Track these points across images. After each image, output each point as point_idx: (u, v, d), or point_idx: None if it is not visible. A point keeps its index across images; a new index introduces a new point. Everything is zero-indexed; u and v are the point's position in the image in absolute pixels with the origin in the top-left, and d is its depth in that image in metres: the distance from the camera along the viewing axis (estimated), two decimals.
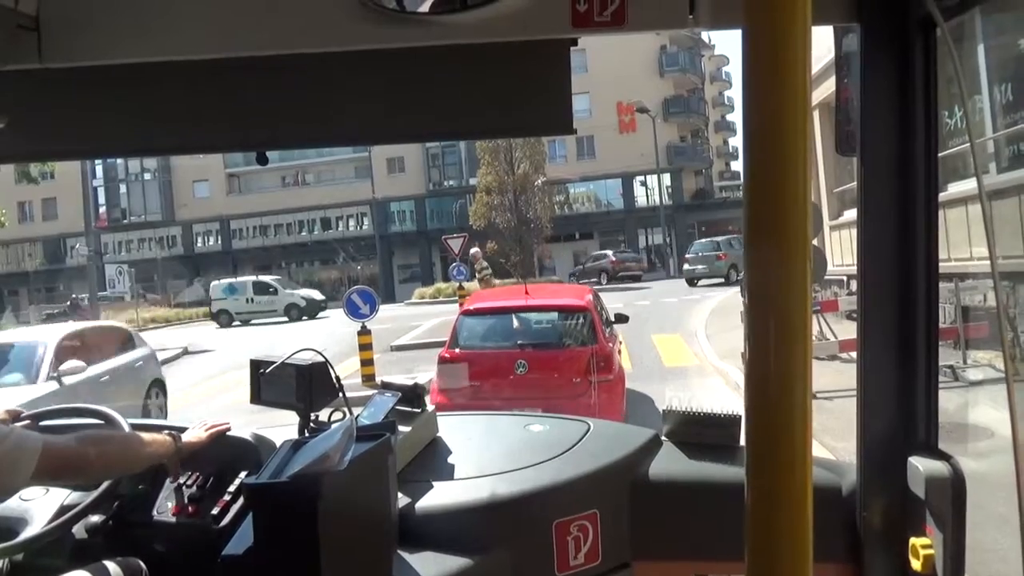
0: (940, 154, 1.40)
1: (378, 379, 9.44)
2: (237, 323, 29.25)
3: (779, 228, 0.61)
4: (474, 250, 14.87)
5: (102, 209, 46.52)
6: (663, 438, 1.91)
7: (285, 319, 28.90)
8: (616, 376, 6.84)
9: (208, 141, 1.46)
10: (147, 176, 46.89)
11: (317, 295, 31.56)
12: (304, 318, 28.29)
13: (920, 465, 1.40)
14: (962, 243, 8.14)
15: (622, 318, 8.40)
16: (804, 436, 0.62)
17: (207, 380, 13.55)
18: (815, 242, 10.83)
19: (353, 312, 10.24)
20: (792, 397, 0.62)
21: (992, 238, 1.40)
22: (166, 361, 16.80)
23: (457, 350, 7.06)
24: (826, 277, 11.53)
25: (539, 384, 6.60)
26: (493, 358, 6.90)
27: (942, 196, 1.47)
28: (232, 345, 18.74)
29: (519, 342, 7.03)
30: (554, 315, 7.45)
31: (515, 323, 7.30)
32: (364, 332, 10.30)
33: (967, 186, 8.03)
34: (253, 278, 32.38)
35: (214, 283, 32.01)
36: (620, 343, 7.91)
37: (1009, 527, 1.17)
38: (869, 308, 1.46)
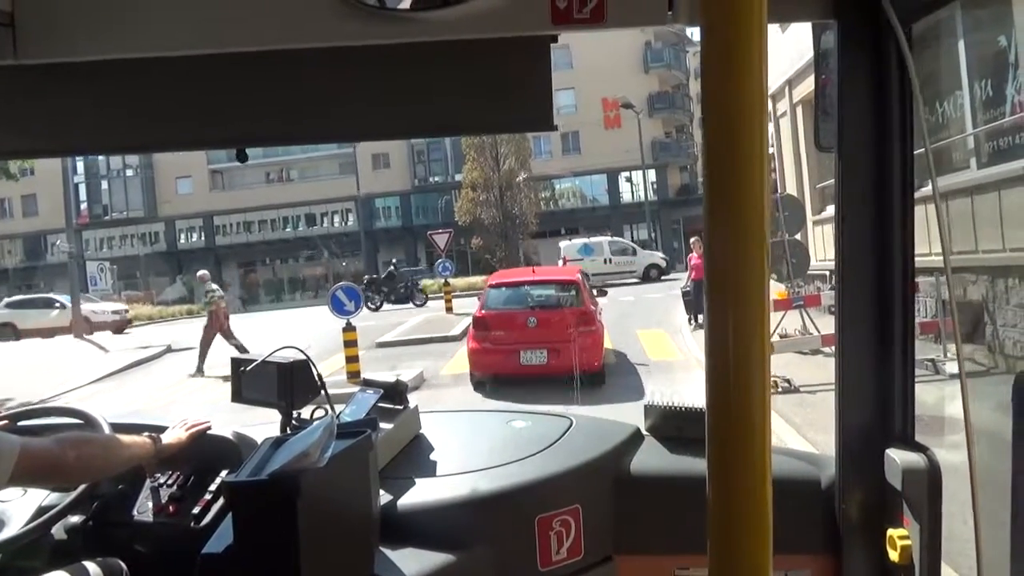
0: (921, 150, 1.42)
1: (363, 376, 9.40)
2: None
3: (737, 221, 0.62)
4: (201, 272, 15.18)
5: (83, 206, 45.97)
6: (645, 433, 1.92)
7: (638, 281, 27.49)
8: (597, 328, 9.95)
9: (188, 139, 1.44)
10: (129, 172, 46.31)
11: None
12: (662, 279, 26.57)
13: (897, 457, 1.42)
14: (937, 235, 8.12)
15: (603, 292, 11.74)
16: (763, 426, 0.63)
17: (191, 378, 13.43)
18: (798, 236, 10.89)
19: (338, 309, 10.22)
20: (751, 387, 0.62)
21: (947, 235, 1.44)
22: (149, 359, 16.71)
23: (485, 311, 10.12)
24: (809, 272, 11.61)
25: (544, 333, 9.51)
26: (512, 316, 9.92)
27: (921, 191, 1.51)
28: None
29: (530, 305, 10.13)
30: (554, 287, 10.59)
31: (526, 292, 10.45)
32: (349, 329, 10.27)
33: (946, 181, 8.10)
34: (608, 238, 30.31)
35: (567, 243, 29.72)
36: (601, 309, 10.90)
37: (983, 515, 1.20)
38: (847, 302, 1.47)
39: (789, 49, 12.65)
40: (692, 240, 15.03)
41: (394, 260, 28.41)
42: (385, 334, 16.10)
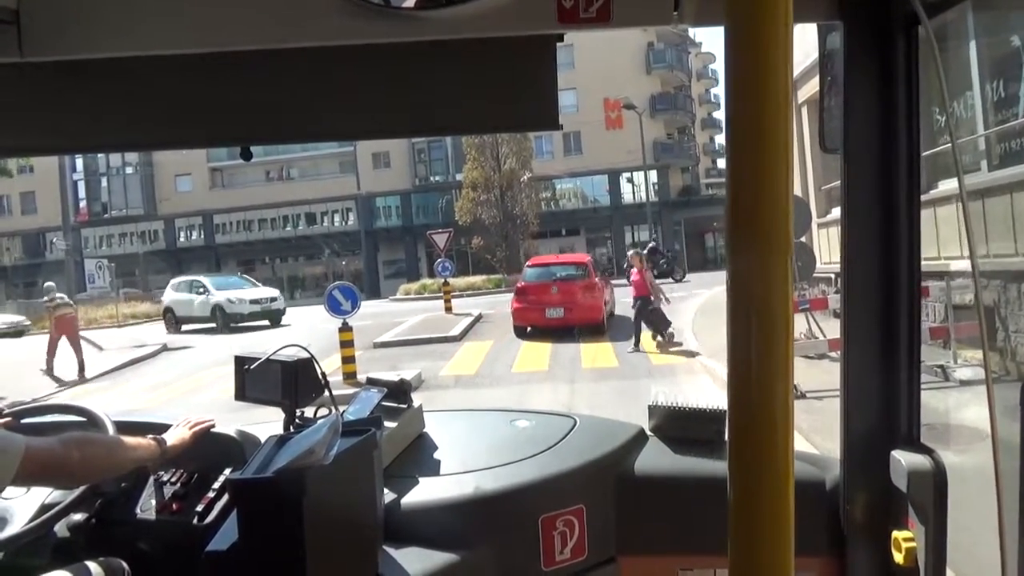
0: (931, 151, 1.50)
1: (360, 377, 9.31)
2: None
3: (761, 226, 0.61)
4: (48, 283, 15.74)
5: (82, 203, 45.90)
6: (649, 433, 1.92)
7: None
8: (598, 294, 15.03)
9: (192, 137, 1.43)
10: (128, 170, 46.26)
11: None
12: None
13: (902, 459, 1.41)
14: (952, 241, 8.05)
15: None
16: (786, 431, 0.63)
17: (186, 376, 13.29)
18: (803, 239, 10.73)
19: (334, 309, 10.06)
20: (774, 392, 0.62)
21: (972, 237, 1.53)
22: (145, 358, 16.55)
23: (524, 283, 15.38)
24: (814, 275, 11.42)
25: (563, 297, 14.62)
26: (542, 286, 14.93)
27: (932, 194, 1.58)
28: (212, 343, 18.45)
29: (554, 278, 15.13)
30: (571, 267, 15.77)
31: (552, 270, 15.61)
32: (345, 329, 10.10)
33: (953, 184, 7.93)
34: None
35: None
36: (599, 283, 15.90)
37: (991, 520, 1.20)
38: (853, 304, 1.47)
39: (795, 50, 12.48)
40: (630, 254, 14.02)
41: (652, 237, 29.37)
42: (383, 334, 15.94)
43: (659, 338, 12.38)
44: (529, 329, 14.78)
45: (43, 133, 1.36)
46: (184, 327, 22.79)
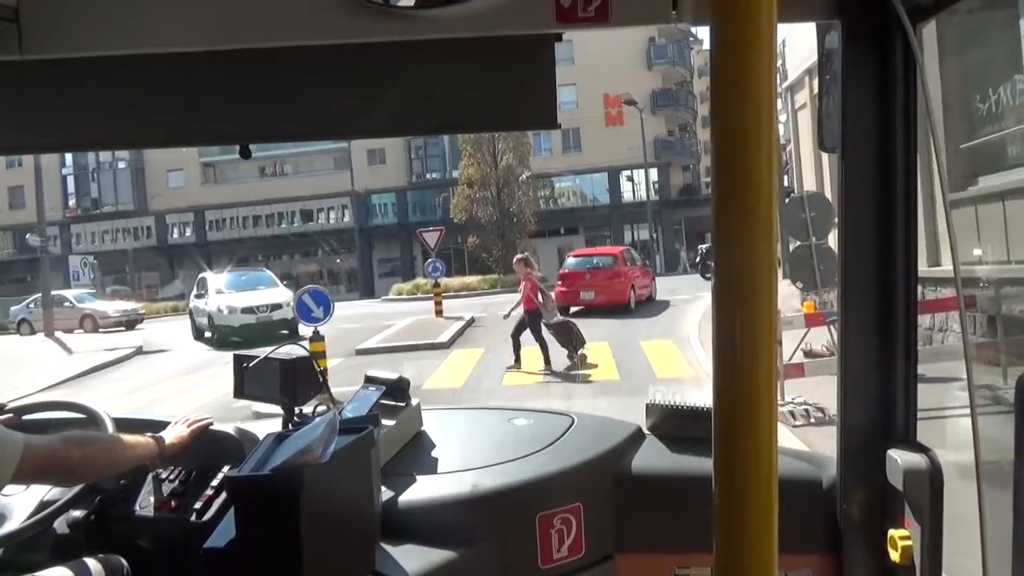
0: (967, 144, 1.47)
1: (333, 391, 8.41)
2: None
3: (746, 222, 0.61)
4: None
5: (72, 199, 45.19)
6: (646, 432, 1.93)
7: None
8: (624, 280, 18.50)
9: (191, 135, 1.46)
10: (120, 164, 45.58)
11: None
12: None
13: (899, 458, 1.43)
14: (998, 242, 7.27)
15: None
16: (769, 429, 0.62)
17: (160, 383, 12.42)
18: (822, 243, 9.81)
19: (304, 316, 9.04)
20: (758, 392, 0.62)
21: (956, 245, 1.50)
22: (117, 361, 15.67)
23: (565, 270, 19.16)
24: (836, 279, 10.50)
25: (595, 283, 18.27)
26: (578, 273, 18.73)
27: (969, 192, 1.64)
28: (190, 345, 17.58)
29: (588, 266, 18.91)
30: (603, 257, 19.42)
31: (587, 259, 19.37)
32: (316, 338, 8.92)
33: (1001, 179, 7.12)
34: None
35: None
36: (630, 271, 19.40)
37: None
38: (850, 303, 1.49)
39: (809, 37, 11.66)
40: (515, 260, 12.29)
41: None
42: (368, 339, 15.04)
43: (574, 358, 11.01)
44: (572, 309, 17.14)
45: (43, 131, 1.38)
46: (207, 335, 18.58)
